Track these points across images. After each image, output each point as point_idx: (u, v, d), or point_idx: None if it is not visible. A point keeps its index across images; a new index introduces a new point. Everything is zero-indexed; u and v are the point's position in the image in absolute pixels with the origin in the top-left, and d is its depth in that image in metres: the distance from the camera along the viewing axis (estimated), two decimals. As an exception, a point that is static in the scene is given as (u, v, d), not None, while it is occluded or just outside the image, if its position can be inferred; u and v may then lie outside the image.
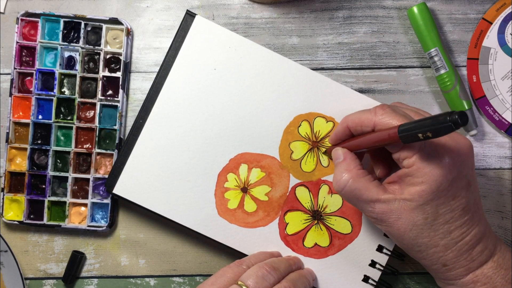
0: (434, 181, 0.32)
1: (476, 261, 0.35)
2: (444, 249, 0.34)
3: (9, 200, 0.46)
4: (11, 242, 0.47)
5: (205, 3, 0.47)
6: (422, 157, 0.32)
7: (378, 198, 0.35)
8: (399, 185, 0.35)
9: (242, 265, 0.39)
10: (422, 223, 0.34)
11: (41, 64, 0.46)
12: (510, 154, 0.47)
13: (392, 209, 0.34)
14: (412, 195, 0.33)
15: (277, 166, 0.43)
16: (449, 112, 0.28)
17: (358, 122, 0.36)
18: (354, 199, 0.36)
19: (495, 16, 0.46)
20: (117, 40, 0.46)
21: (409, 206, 0.34)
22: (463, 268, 0.35)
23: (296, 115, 0.43)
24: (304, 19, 0.47)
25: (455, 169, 0.33)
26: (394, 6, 0.47)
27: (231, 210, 0.43)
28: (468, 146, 0.34)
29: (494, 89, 0.46)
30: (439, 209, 0.33)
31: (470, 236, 0.34)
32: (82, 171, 0.46)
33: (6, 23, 0.47)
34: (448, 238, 0.34)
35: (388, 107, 0.35)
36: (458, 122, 0.27)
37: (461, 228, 0.34)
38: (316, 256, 0.43)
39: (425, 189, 0.33)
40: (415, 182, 0.33)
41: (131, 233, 0.47)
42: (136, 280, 0.47)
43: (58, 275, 0.47)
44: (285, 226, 0.43)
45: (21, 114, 0.46)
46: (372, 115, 0.35)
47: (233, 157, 0.43)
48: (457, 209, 0.34)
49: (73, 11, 0.47)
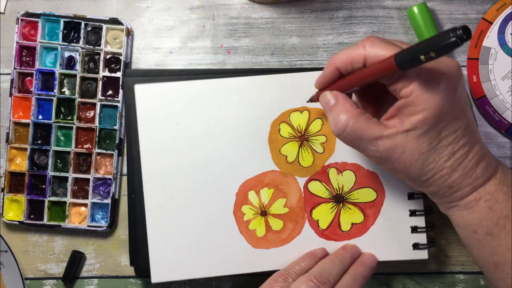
0: (436, 105, 0.32)
1: (481, 178, 0.35)
2: (450, 171, 0.34)
3: (9, 200, 0.46)
4: (11, 242, 0.47)
5: (205, 3, 0.47)
6: (420, 84, 0.32)
7: (381, 134, 0.34)
8: (398, 118, 0.34)
9: (288, 279, 0.38)
10: (427, 149, 0.33)
11: (41, 64, 0.46)
12: (510, 154, 0.47)
13: (396, 143, 0.34)
14: (415, 124, 0.33)
15: (280, 176, 0.43)
16: (451, 29, 0.27)
17: (348, 60, 0.35)
18: (357, 140, 0.35)
19: (495, 16, 0.46)
20: (117, 40, 0.46)
21: (413, 135, 0.33)
22: (469, 187, 0.35)
23: (271, 123, 0.43)
24: (304, 19, 0.47)
25: (453, 91, 0.33)
26: (394, 6, 0.47)
27: (263, 238, 0.43)
28: (457, 66, 0.34)
29: (494, 89, 0.46)
30: (442, 132, 0.33)
31: (473, 153, 0.34)
32: (82, 171, 0.46)
33: (6, 23, 0.47)
34: (453, 158, 0.34)
35: (376, 38, 0.34)
36: (463, 36, 0.27)
37: (464, 147, 0.34)
38: (359, 234, 0.43)
39: (428, 115, 0.32)
40: (416, 110, 0.32)
41: (131, 233, 0.47)
42: (136, 280, 0.47)
43: (58, 275, 0.47)
44: (316, 224, 0.43)
45: (21, 114, 0.46)
46: (361, 49, 0.34)
47: (238, 191, 0.43)
48: (459, 129, 0.33)
49: (73, 11, 0.47)
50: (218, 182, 0.43)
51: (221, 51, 0.47)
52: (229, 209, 0.43)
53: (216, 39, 0.47)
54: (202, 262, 0.42)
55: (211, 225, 0.42)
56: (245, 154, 0.43)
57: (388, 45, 0.33)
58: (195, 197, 0.43)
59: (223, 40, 0.47)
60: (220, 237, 0.42)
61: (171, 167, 0.42)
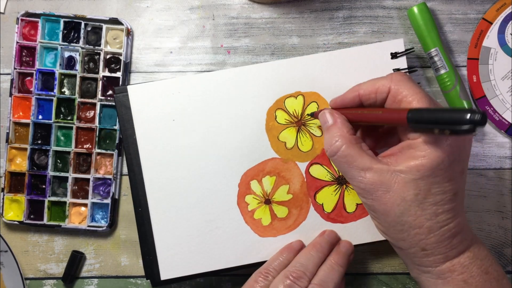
0: (436, 157, 0.31)
1: (455, 249, 0.34)
2: (427, 232, 0.33)
3: (9, 200, 0.46)
4: (11, 242, 0.47)
5: (205, 3, 0.47)
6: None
7: (371, 166, 0.33)
8: (395, 157, 0.33)
9: (268, 277, 0.39)
10: (411, 199, 0.32)
11: (41, 64, 0.46)
12: (510, 154, 0.47)
13: (383, 180, 0.33)
14: (410, 167, 0.32)
15: (280, 163, 0.43)
16: (469, 110, 0.27)
17: (372, 89, 0.35)
18: (346, 165, 0.34)
19: (495, 16, 0.46)
20: (117, 40, 0.46)
21: (403, 179, 0.32)
22: (442, 255, 0.34)
23: (267, 110, 0.43)
24: (304, 19, 0.47)
25: (457, 151, 0.32)
26: (394, 6, 0.47)
27: (269, 226, 0.43)
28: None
29: (494, 89, 0.46)
30: (432, 188, 0.32)
31: (454, 223, 0.33)
32: (82, 171, 0.46)
33: (6, 23, 0.47)
34: (434, 220, 0.33)
35: (406, 75, 0.34)
36: (480, 123, 0.26)
37: (448, 213, 0.33)
38: (365, 214, 0.43)
39: (425, 164, 0.32)
40: (417, 155, 0.32)
41: (131, 233, 0.47)
42: (136, 280, 0.47)
43: (58, 275, 0.47)
44: (321, 207, 0.43)
45: (21, 114, 0.46)
46: (388, 81, 0.34)
47: (240, 181, 0.43)
48: (449, 193, 0.33)
49: (73, 11, 0.47)
50: (220, 175, 0.43)
51: (221, 51, 0.47)
52: (232, 201, 0.43)
53: (216, 39, 0.47)
54: (210, 256, 0.42)
55: (216, 218, 0.43)
56: (244, 145, 0.43)
57: (415, 89, 0.33)
58: (198, 192, 0.43)
59: (223, 40, 0.47)
60: (226, 229, 0.43)
61: (171, 164, 0.43)
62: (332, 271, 0.39)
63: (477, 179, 0.47)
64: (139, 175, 0.42)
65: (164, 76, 0.47)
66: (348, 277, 0.47)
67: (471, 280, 0.34)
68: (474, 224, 0.47)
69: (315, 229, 0.43)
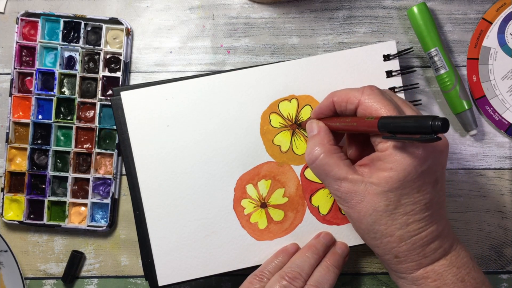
0: (402, 170, 0.32)
1: (429, 258, 0.35)
2: (399, 240, 0.34)
3: (9, 200, 0.46)
4: (11, 242, 0.47)
5: (205, 3, 0.47)
6: (396, 145, 0.32)
7: (346, 177, 0.34)
8: (369, 168, 0.34)
9: (263, 279, 0.39)
10: (382, 209, 0.33)
11: (41, 64, 0.46)
12: (510, 154, 0.47)
13: (357, 190, 0.34)
14: (380, 179, 0.33)
15: (276, 167, 0.43)
16: (431, 116, 0.27)
17: (344, 98, 0.36)
18: (323, 174, 0.36)
19: (495, 16, 0.46)
20: (117, 40, 0.46)
21: (374, 190, 0.33)
22: (414, 262, 0.35)
23: (261, 114, 0.43)
24: (304, 19, 0.47)
25: (426, 162, 0.33)
26: (394, 6, 0.47)
27: (265, 229, 0.43)
28: (444, 144, 0.34)
29: (494, 89, 0.46)
30: (401, 199, 0.33)
31: (426, 232, 0.34)
32: (82, 171, 0.46)
33: (6, 23, 0.47)
34: (404, 229, 0.34)
35: (377, 89, 0.35)
36: (441, 130, 0.27)
37: (419, 223, 0.34)
38: None
39: (392, 176, 0.32)
40: (385, 167, 0.33)
41: (131, 233, 0.47)
42: (136, 280, 0.47)
43: (58, 275, 0.47)
44: (317, 210, 0.43)
45: (21, 114, 0.46)
46: (359, 93, 0.35)
47: (235, 186, 0.43)
48: (419, 203, 0.33)
49: (73, 11, 0.47)
50: (215, 180, 0.43)
51: (221, 51, 0.47)
52: (228, 205, 0.43)
53: (216, 39, 0.47)
54: (207, 260, 0.42)
55: (213, 223, 0.43)
56: (239, 149, 0.43)
57: (384, 101, 0.34)
58: (194, 197, 0.43)
59: (223, 40, 0.47)
60: (222, 234, 0.43)
61: (166, 169, 0.42)
62: (327, 272, 0.39)
63: (477, 179, 0.47)
64: (136, 179, 0.42)
65: (164, 76, 0.47)
66: (347, 277, 0.47)
67: (445, 287, 0.35)
68: (474, 224, 0.47)
69: (311, 231, 0.43)
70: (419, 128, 0.28)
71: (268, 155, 0.43)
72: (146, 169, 0.42)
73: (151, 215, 0.42)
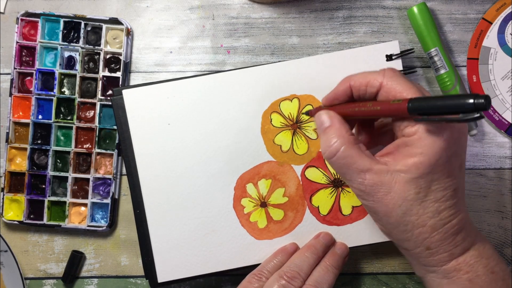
0: (434, 154, 0.31)
1: (459, 247, 0.34)
2: (431, 230, 0.33)
3: (9, 200, 0.46)
4: (11, 242, 0.47)
5: (205, 3, 0.47)
6: (425, 128, 0.31)
7: (371, 167, 0.32)
8: (393, 156, 0.32)
9: (261, 278, 0.39)
10: (413, 198, 0.32)
11: (41, 64, 0.46)
12: (510, 154, 0.47)
13: (384, 181, 0.32)
14: (408, 166, 0.31)
15: (276, 166, 0.43)
16: (473, 94, 0.26)
17: (363, 82, 0.34)
18: (345, 167, 0.33)
19: (495, 16, 0.46)
20: (117, 40, 0.46)
21: (403, 178, 0.32)
22: (447, 253, 0.34)
23: (262, 114, 0.43)
24: (304, 19, 0.47)
25: (454, 145, 0.31)
26: (394, 6, 0.47)
27: (265, 229, 0.43)
28: (465, 126, 0.33)
29: (494, 89, 0.46)
30: (432, 185, 0.32)
31: (457, 219, 0.33)
32: (82, 171, 0.46)
33: (6, 23, 0.47)
34: (436, 218, 0.32)
35: (398, 72, 0.33)
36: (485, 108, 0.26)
37: (450, 210, 0.32)
38: (361, 216, 0.43)
39: (424, 161, 0.31)
40: (414, 153, 0.31)
41: (131, 233, 0.47)
42: (136, 280, 0.47)
43: (58, 275, 0.47)
44: (317, 210, 0.43)
45: (21, 114, 0.46)
46: (380, 76, 0.33)
47: (236, 185, 0.43)
48: (449, 189, 0.32)
49: (73, 11, 0.47)
50: (215, 178, 0.43)
51: (221, 51, 0.47)
52: (228, 204, 0.43)
53: (216, 39, 0.47)
54: (207, 258, 0.42)
55: (213, 221, 0.43)
56: (239, 148, 0.43)
57: (409, 84, 0.32)
58: (194, 195, 0.43)
59: (223, 40, 0.47)
60: (222, 232, 0.43)
61: (167, 168, 0.42)
62: (327, 273, 0.39)
63: (477, 179, 0.47)
64: (136, 178, 0.42)
65: (164, 76, 0.47)
66: (347, 277, 0.47)
67: (477, 279, 0.34)
68: (474, 224, 0.47)
69: (311, 231, 0.43)
70: (460, 107, 0.27)
71: (269, 154, 0.43)
72: (146, 168, 0.42)
73: (151, 213, 0.42)
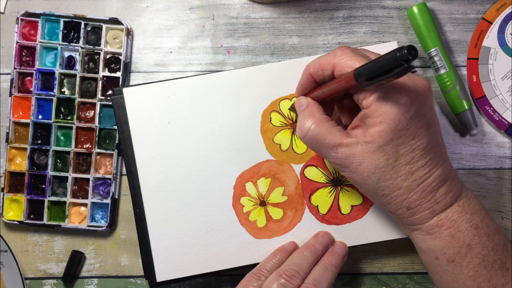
0: (392, 120, 0.32)
1: (440, 203, 0.34)
2: (407, 191, 0.34)
3: (9, 200, 0.46)
4: (11, 242, 0.47)
5: (205, 3, 0.47)
6: (379, 96, 0.32)
7: (341, 142, 0.34)
8: (361, 129, 0.34)
9: (260, 277, 0.39)
10: (383, 165, 0.33)
11: (41, 64, 0.46)
12: (510, 154, 0.47)
13: (355, 153, 0.34)
14: (372, 136, 0.33)
15: (275, 165, 0.43)
16: (398, 48, 0.27)
17: (319, 66, 0.36)
18: (318, 144, 0.35)
19: (495, 16, 0.46)
20: (117, 40, 0.46)
21: (371, 148, 0.33)
22: (427, 211, 0.35)
23: (261, 113, 0.43)
24: (304, 19, 0.47)
25: (413, 107, 0.32)
26: (394, 6, 0.47)
27: (264, 228, 0.43)
28: (426, 85, 0.34)
29: (494, 89, 0.46)
30: (399, 149, 0.33)
31: (433, 177, 0.34)
32: (82, 171, 0.46)
33: (6, 23, 0.47)
34: (410, 179, 0.34)
35: (348, 48, 0.35)
36: (408, 57, 0.27)
37: (423, 169, 0.34)
38: (360, 215, 0.43)
39: (384, 129, 0.32)
40: (374, 122, 0.33)
41: (131, 233, 0.47)
42: (136, 280, 0.47)
43: (58, 275, 0.47)
44: (316, 209, 0.43)
45: (21, 114, 0.46)
46: (331, 57, 0.35)
47: (235, 183, 0.43)
48: (418, 149, 0.33)
49: (73, 11, 0.47)
50: (215, 177, 0.43)
51: (221, 51, 0.47)
52: (228, 203, 0.43)
53: (216, 39, 0.47)
54: (206, 257, 0.42)
55: (212, 220, 0.43)
56: (239, 147, 0.43)
57: (356, 56, 0.33)
58: (193, 194, 0.43)
59: (223, 40, 0.47)
60: (221, 231, 0.43)
61: (166, 167, 0.42)
62: (326, 271, 0.39)
63: (477, 179, 0.47)
64: (136, 177, 0.42)
65: (164, 76, 0.47)
66: (347, 277, 0.47)
67: (459, 234, 0.35)
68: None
69: (310, 230, 0.43)
70: (390, 63, 0.28)
71: (268, 153, 0.43)
72: (146, 167, 0.42)
73: (151, 212, 0.42)
